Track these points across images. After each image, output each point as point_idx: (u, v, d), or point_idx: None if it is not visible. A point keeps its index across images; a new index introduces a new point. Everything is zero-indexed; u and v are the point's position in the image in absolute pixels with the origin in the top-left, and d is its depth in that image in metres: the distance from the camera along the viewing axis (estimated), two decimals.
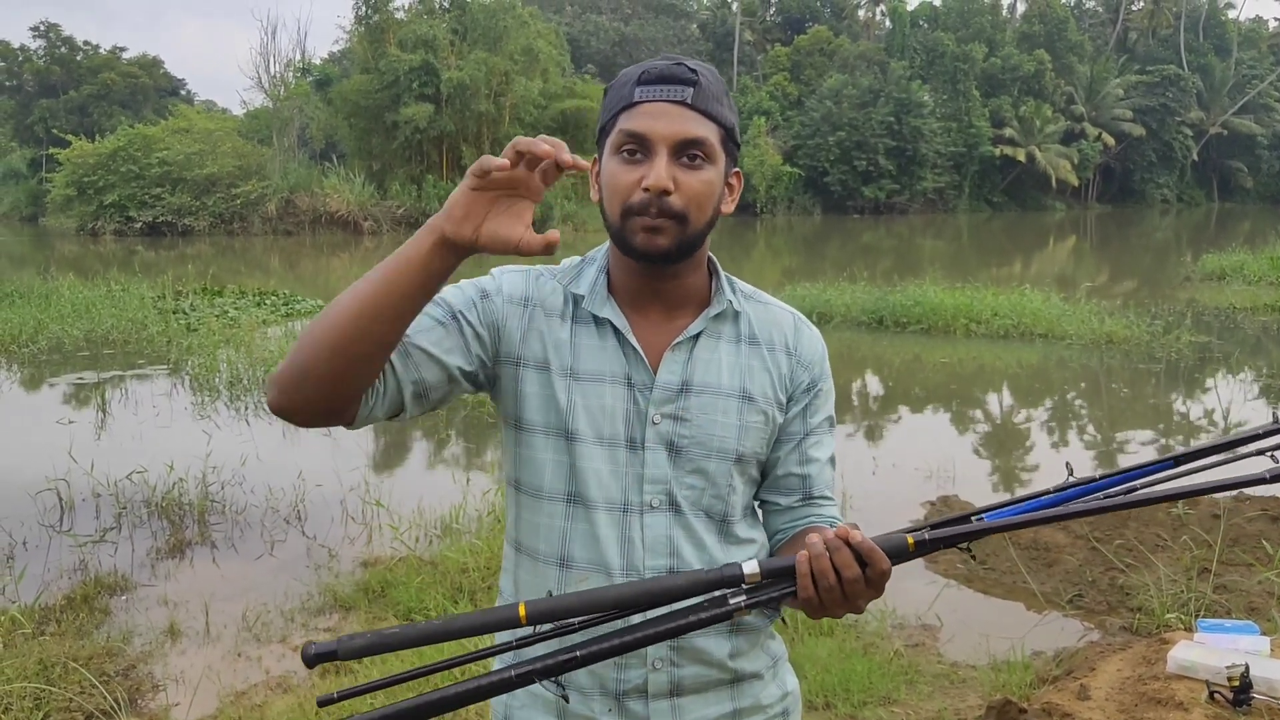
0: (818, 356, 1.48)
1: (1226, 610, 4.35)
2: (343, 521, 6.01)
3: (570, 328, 1.39)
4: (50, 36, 59.32)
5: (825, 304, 14.08)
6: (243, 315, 14.42)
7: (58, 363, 11.32)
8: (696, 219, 1.31)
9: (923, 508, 6.14)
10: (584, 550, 1.36)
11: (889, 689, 3.82)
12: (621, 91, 1.33)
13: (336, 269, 25.74)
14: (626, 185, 1.30)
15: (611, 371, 1.37)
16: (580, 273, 1.43)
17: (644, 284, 1.39)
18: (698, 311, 1.41)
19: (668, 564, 1.36)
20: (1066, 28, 59.22)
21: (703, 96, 1.31)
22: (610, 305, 1.38)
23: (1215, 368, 11.14)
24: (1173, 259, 25.97)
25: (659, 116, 1.29)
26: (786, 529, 1.48)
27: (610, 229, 1.35)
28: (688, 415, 1.37)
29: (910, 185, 50.94)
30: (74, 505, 6.20)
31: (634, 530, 1.36)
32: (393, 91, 37.60)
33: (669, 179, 1.27)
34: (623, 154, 1.31)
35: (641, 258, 1.32)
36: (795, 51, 56.94)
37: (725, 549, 1.40)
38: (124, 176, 36.54)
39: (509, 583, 1.47)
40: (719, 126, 1.33)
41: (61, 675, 3.84)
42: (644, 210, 1.29)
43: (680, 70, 1.31)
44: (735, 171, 1.40)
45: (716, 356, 1.40)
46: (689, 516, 1.37)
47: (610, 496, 1.36)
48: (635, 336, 1.37)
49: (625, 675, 1.36)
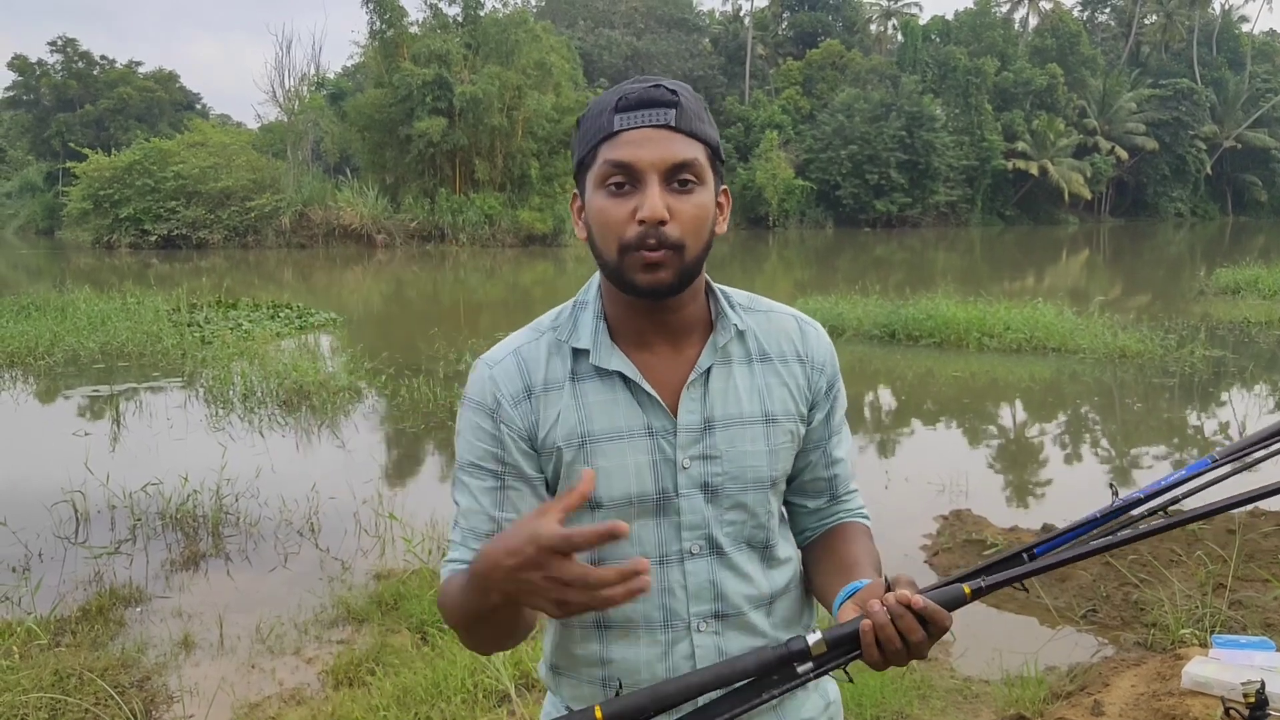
0: (828, 355, 1.43)
1: (1242, 626, 4.32)
2: (356, 534, 6.03)
3: (575, 389, 1.31)
4: (67, 51, 59.86)
5: (837, 317, 14.07)
6: (257, 328, 14.50)
7: (73, 375, 11.39)
8: (694, 246, 1.25)
9: (935, 521, 6.12)
10: (621, 612, 1.33)
11: (902, 704, 3.81)
12: (599, 121, 1.25)
13: (349, 282, 25.86)
14: (619, 220, 1.23)
15: (630, 426, 1.30)
16: (576, 322, 1.34)
17: (647, 321, 1.31)
18: (703, 337, 1.35)
19: (712, 609, 1.33)
20: (1079, 41, 59.21)
21: (685, 117, 1.23)
22: (617, 354, 1.31)
23: (1230, 382, 11.08)
24: (1186, 273, 25.86)
25: (643, 143, 1.22)
26: (816, 528, 1.47)
27: (606, 268, 1.27)
28: (716, 452, 1.31)
29: (922, 199, 50.97)
30: (89, 517, 6.24)
31: (673, 580, 1.32)
32: (406, 105, 37.80)
33: (664, 208, 1.21)
34: (609, 187, 1.23)
35: (645, 294, 1.25)
36: (807, 65, 57.07)
37: (768, 575, 1.38)
38: (139, 190, 36.84)
39: (549, 644, 1.45)
40: (705, 145, 1.26)
41: (77, 686, 3.86)
42: (642, 244, 1.21)
43: (659, 92, 1.23)
44: (723, 189, 1.34)
45: (733, 384, 1.34)
46: (731, 555, 1.34)
47: (646, 553, 1.31)
48: (647, 380, 1.31)
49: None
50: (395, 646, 4.35)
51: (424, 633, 4.48)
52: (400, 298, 22.44)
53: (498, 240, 37.66)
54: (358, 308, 19.96)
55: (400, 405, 9.61)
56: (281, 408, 9.65)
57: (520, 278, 26.04)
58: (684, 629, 1.33)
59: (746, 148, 50.73)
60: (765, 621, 1.37)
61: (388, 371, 11.11)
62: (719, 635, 1.34)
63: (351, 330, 15.81)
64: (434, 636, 4.38)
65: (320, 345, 14.13)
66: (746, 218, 49.42)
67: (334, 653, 4.39)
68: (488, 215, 38.06)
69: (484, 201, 38.32)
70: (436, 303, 21.35)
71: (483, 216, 37.98)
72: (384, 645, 4.37)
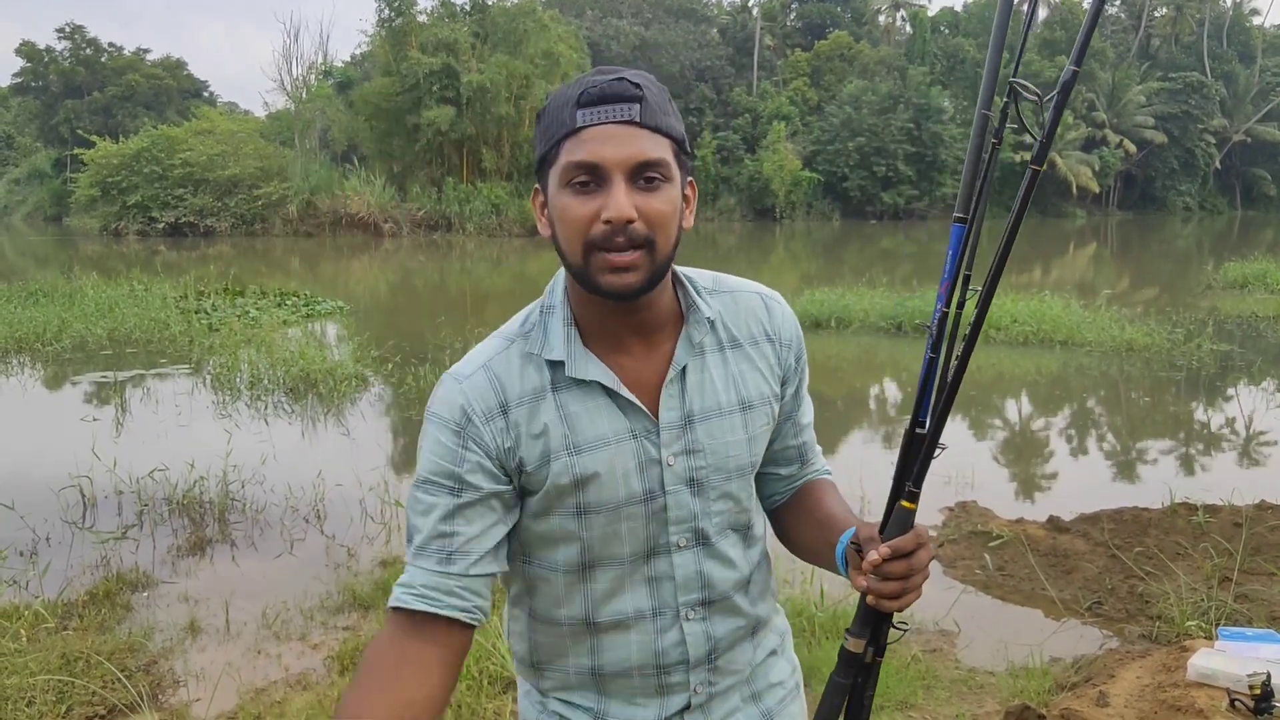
0: (794, 330, 1.43)
1: (1248, 619, 4.31)
2: (362, 521, 6.04)
3: (554, 401, 1.27)
4: (75, 38, 59.88)
5: (844, 309, 14.05)
6: (264, 316, 14.52)
7: (81, 361, 11.42)
8: (663, 244, 1.21)
9: (941, 513, 6.12)
10: (611, 609, 1.34)
11: (906, 694, 3.81)
12: (560, 116, 1.20)
13: (356, 271, 25.87)
14: (583, 219, 1.18)
15: (614, 431, 1.28)
16: (547, 331, 1.29)
17: (618, 322, 1.28)
18: (675, 329, 1.32)
19: (700, 596, 1.35)
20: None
21: (650, 112, 1.19)
22: (593, 363, 1.27)
23: (1237, 376, 11.05)
24: (1194, 267, 25.78)
25: (607, 140, 1.17)
26: (785, 491, 1.50)
27: (572, 269, 1.23)
28: (698, 446, 1.31)
29: (930, 191, 50.80)
30: (96, 502, 6.26)
31: (662, 573, 1.34)
32: (414, 94, 37.80)
33: (630, 208, 1.17)
34: (573, 186, 1.19)
35: (613, 298, 1.21)
36: (815, 57, 56.86)
37: (747, 555, 1.41)
38: (147, 177, 36.92)
39: (524, 647, 1.43)
40: (670, 140, 1.22)
41: (84, 669, 3.88)
42: (608, 243, 1.18)
43: (622, 86, 1.18)
44: (690, 182, 1.29)
45: (708, 376, 1.33)
46: (717, 544, 1.35)
47: (635, 550, 1.32)
48: (625, 383, 1.28)
49: (669, 701, 1.38)
50: None
51: None
52: (407, 287, 22.45)
53: (504, 230, 37.67)
54: (364, 296, 19.98)
55: (406, 393, 9.62)
56: (288, 395, 9.67)
57: (526, 267, 26.02)
58: (673, 617, 1.35)
59: (753, 139, 50.60)
60: (745, 600, 1.40)
61: (394, 360, 11.12)
62: (706, 621, 1.36)
63: (358, 319, 15.82)
64: None
65: (327, 333, 14.14)
66: (753, 209, 49.32)
67: (340, 639, 4.41)
68: (494, 205, 38.07)
69: (491, 191, 38.34)
70: (443, 292, 21.36)
71: (489, 206, 38.00)
72: None
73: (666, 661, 1.35)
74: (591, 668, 1.36)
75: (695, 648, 1.35)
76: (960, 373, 1.19)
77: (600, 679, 1.37)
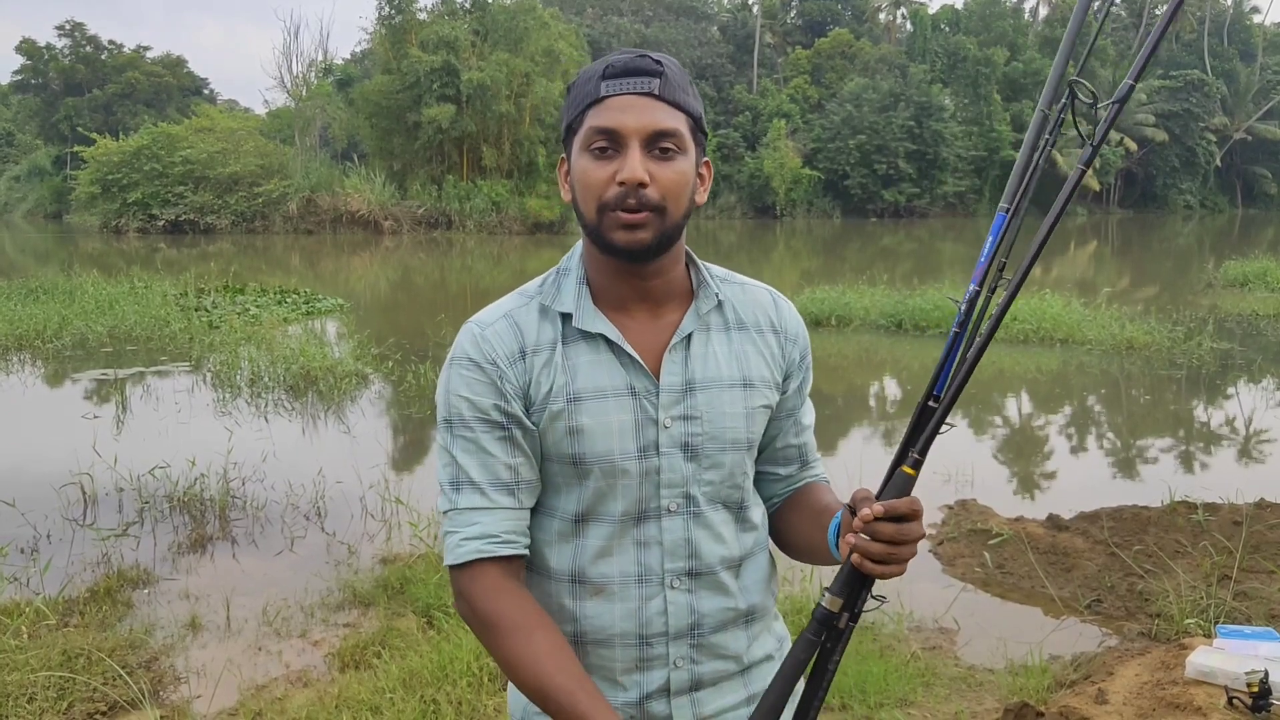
0: (800, 328, 1.49)
1: (1246, 617, 4.32)
2: (362, 518, 6.05)
3: (561, 350, 1.35)
4: (75, 35, 59.80)
5: (845, 307, 14.06)
6: (264, 313, 14.53)
7: (81, 358, 11.43)
8: (674, 210, 1.29)
9: (941, 511, 6.13)
10: (598, 569, 1.37)
11: (905, 691, 3.81)
12: (586, 88, 1.30)
13: (356, 268, 25.87)
14: (600, 181, 1.28)
15: (613, 385, 1.34)
16: (560, 288, 1.38)
17: (628, 285, 1.36)
18: (683, 305, 1.39)
19: (686, 566, 1.37)
20: (1089, 32, 58.79)
21: (669, 87, 1.28)
22: (599, 317, 1.35)
23: (1237, 375, 11.06)
24: (1195, 265, 25.78)
25: (627, 109, 1.27)
26: (784, 493, 1.53)
27: (587, 228, 1.32)
28: (697, 413, 1.36)
29: (930, 189, 50.80)
30: (97, 499, 6.27)
31: (650, 536, 1.36)
32: (414, 92, 37.79)
33: (644, 172, 1.26)
34: (593, 151, 1.28)
35: (623, 255, 1.30)
36: (816, 54, 56.84)
37: (740, 538, 1.42)
38: (147, 175, 36.92)
39: None
40: (688, 116, 1.31)
41: (85, 666, 3.89)
42: (621, 204, 1.26)
43: (645, 62, 1.28)
44: (705, 161, 1.38)
45: (712, 350, 1.39)
46: (707, 514, 1.38)
47: (627, 510, 1.36)
48: (628, 342, 1.35)
49: (648, 677, 1.38)
50: (401, 630, 4.37)
51: (430, 617, 4.49)
52: (407, 284, 22.46)
53: (505, 227, 37.67)
54: (365, 294, 19.99)
55: (406, 391, 9.63)
56: (288, 393, 9.67)
57: (527, 265, 26.01)
58: (658, 585, 1.37)
59: (754, 136, 50.59)
60: (734, 583, 1.42)
61: (394, 357, 11.13)
62: (691, 593, 1.38)
63: (358, 316, 15.83)
64: (440, 620, 4.40)
65: (327, 331, 14.14)
66: (754, 207, 49.31)
67: (340, 636, 4.42)
68: (495, 202, 38.08)
69: (491, 188, 38.33)
70: (443, 289, 21.37)
71: (490, 203, 38.00)
72: (390, 629, 4.39)
73: (649, 631, 1.37)
74: (575, 634, 1.38)
75: (677, 618, 1.37)
76: (981, 350, 1.21)
77: (582, 649, 1.38)
